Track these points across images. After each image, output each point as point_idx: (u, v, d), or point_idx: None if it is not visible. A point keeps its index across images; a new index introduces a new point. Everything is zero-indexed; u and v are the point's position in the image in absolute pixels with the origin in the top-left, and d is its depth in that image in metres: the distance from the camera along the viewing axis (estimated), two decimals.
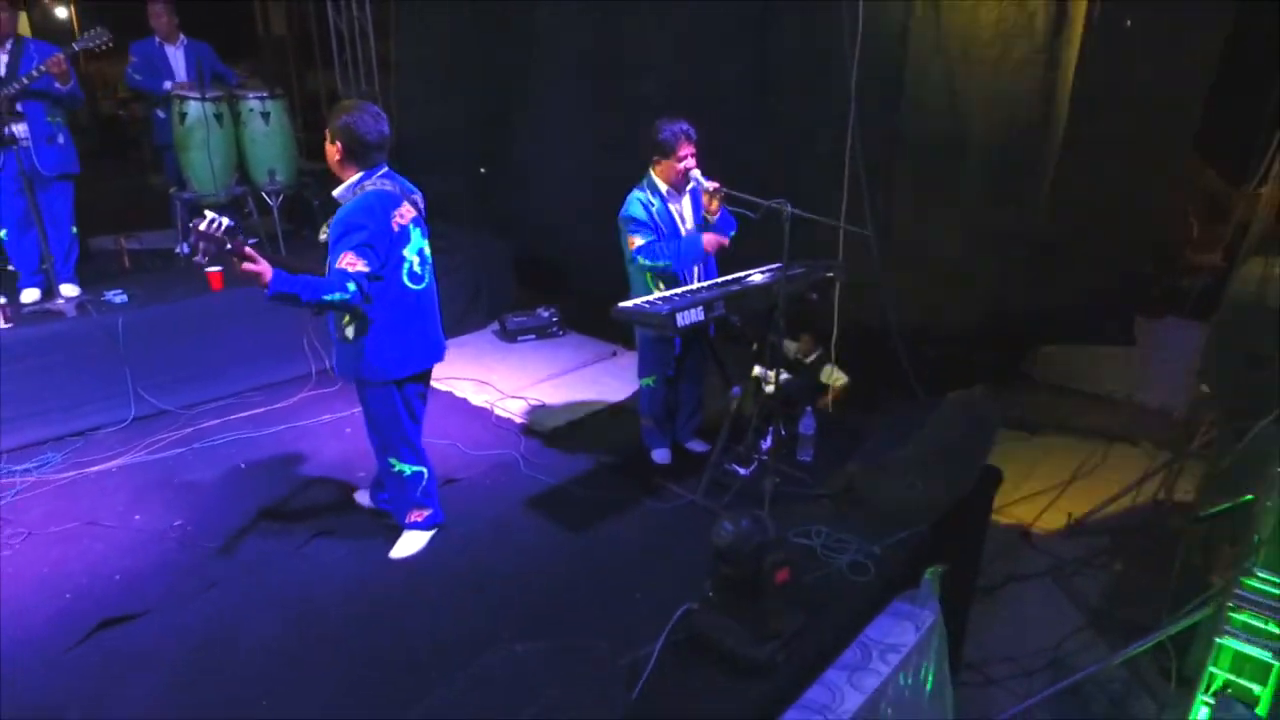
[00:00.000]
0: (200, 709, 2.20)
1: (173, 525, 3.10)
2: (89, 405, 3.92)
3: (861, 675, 2.51)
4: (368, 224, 2.60)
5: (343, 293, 2.51)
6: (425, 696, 2.03)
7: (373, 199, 2.65)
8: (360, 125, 2.64)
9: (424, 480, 2.98)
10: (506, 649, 2.16)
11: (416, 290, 2.81)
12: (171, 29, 5.10)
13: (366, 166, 2.71)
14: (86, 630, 2.48)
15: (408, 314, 2.78)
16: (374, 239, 2.60)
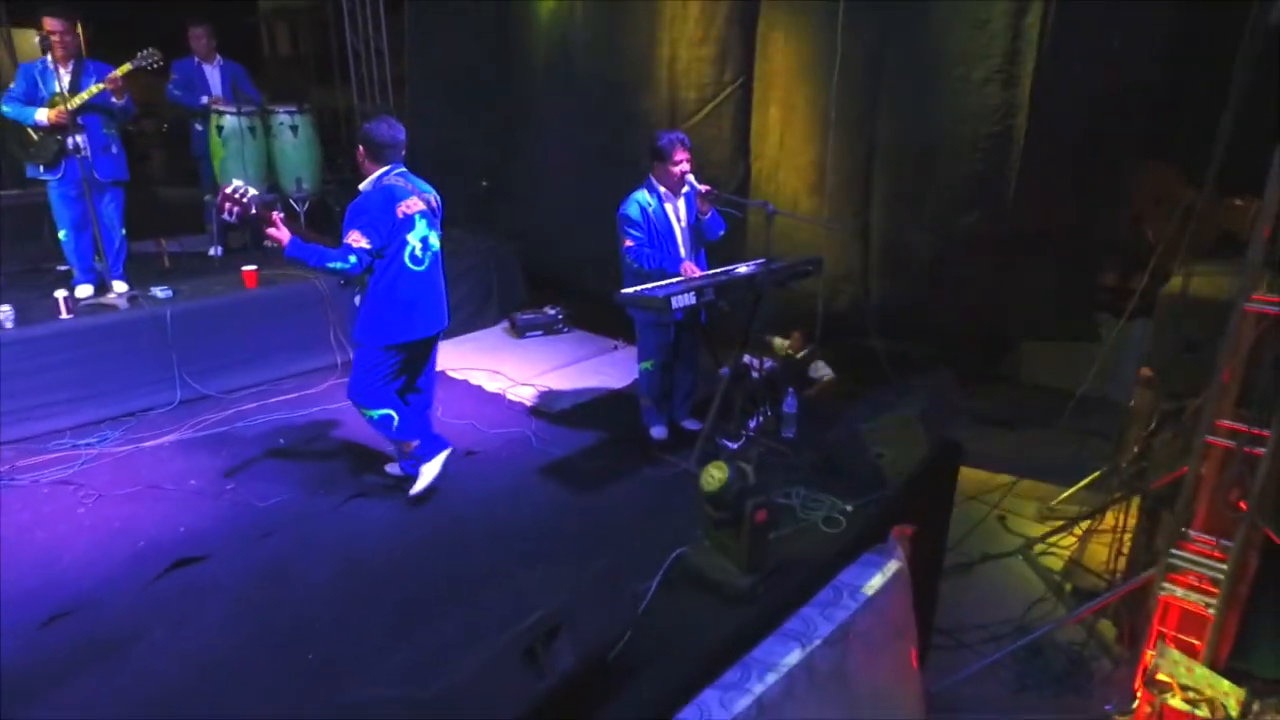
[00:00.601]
0: (267, 628, 2.57)
1: (225, 489, 3.48)
2: (140, 389, 4.30)
3: (833, 610, 2.88)
4: (372, 209, 3.14)
5: (343, 262, 3.05)
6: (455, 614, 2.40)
7: (382, 190, 3.19)
8: (374, 131, 3.21)
9: (394, 421, 3.33)
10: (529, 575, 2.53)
11: (416, 271, 3.29)
12: (209, 50, 5.52)
13: (382, 164, 3.23)
14: (163, 568, 2.86)
15: (407, 289, 3.26)
16: (376, 221, 3.12)
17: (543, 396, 4.57)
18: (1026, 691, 4.19)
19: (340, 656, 2.41)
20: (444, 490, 3.45)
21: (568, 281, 6.49)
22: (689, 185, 3.58)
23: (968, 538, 5.09)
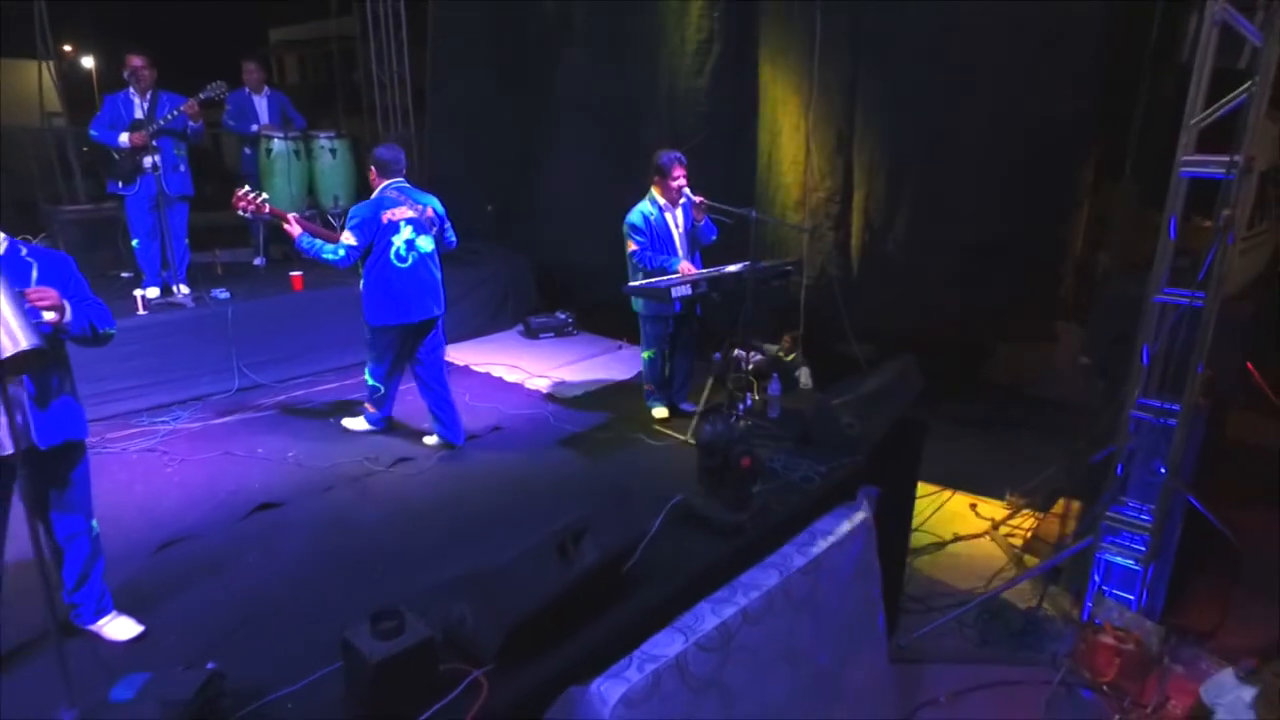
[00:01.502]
0: (339, 554, 3.09)
1: (288, 456, 4.02)
2: (204, 376, 4.86)
3: (807, 548, 3.42)
4: (362, 214, 3.91)
5: (334, 254, 3.84)
6: (493, 539, 2.93)
7: (374, 200, 3.97)
8: (379, 153, 4.06)
9: (379, 393, 4.24)
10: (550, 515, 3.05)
11: (400, 267, 3.99)
12: (259, 82, 6.15)
13: (386, 179, 4.02)
14: (246, 511, 3.39)
15: (391, 282, 3.98)
16: (364, 225, 3.89)
17: (556, 386, 5.13)
18: (988, 646, 4.74)
19: (402, 572, 2.94)
20: (475, 456, 4.01)
21: (576, 288, 7.07)
22: (685, 197, 4.17)
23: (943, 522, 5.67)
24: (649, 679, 2.60)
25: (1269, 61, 3.37)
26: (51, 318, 2.19)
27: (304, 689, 2.30)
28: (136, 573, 2.92)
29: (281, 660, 2.40)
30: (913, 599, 5.03)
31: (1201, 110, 3.64)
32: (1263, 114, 3.51)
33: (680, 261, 4.20)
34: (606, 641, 2.64)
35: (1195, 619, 4.71)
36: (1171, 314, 3.95)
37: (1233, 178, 3.51)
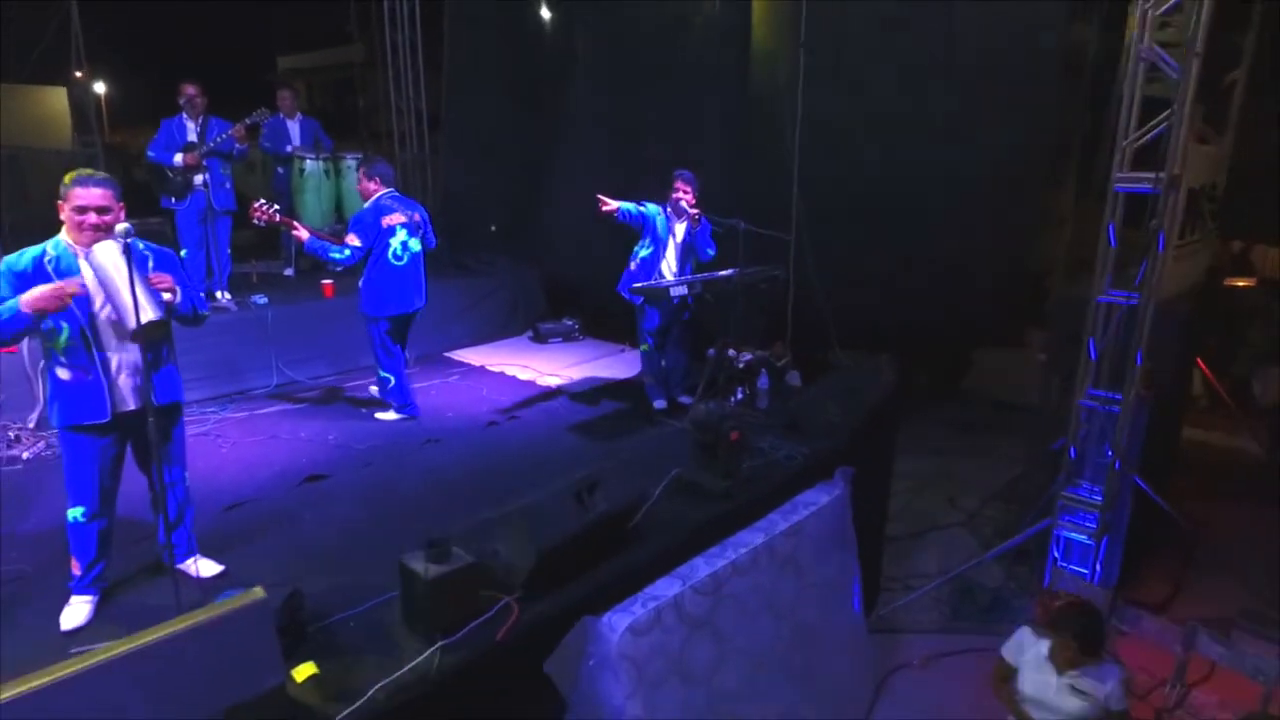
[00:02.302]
0: (382, 514, 3.51)
1: (329, 439, 4.47)
2: (247, 373, 5.31)
3: (790, 515, 3.86)
4: (365, 219, 4.55)
5: (340, 254, 4.44)
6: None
7: (375, 208, 4.60)
8: (380, 168, 4.74)
9: (390, 384, 4.79)
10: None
11: (397, 266, 4.63)
12: (291, 107, 6.68)
13: (380, 189, 4.65)
14: (298, 481, 3.84)
15: (389, 278, 4.62)
16: (366, 229, 4.53)
17: (565, 383, 5.59)
18: (959, 618, 5.17)
19: (438, 527, 3.37)
20: (496, 437, 4.47)
21: (581, 298, 7.55)
22: (688, 212, 4.68)
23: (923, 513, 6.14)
24: (651, 614, 3.04)
25: (1185, 92, 3.88)
26: (168, 297, 2.68)
27: (362, 613, 2.75)
28: (209, 528, 3.35)
29: (339, 594, 2.83)
30: (892, 579, 5.48)
31: (1133, 133, 4.15)
32: (1184, 137, 4.02)
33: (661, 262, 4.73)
34: (615, 583, 3.08)
35: (1149, 593, 5.16)
36: (1114, 313, 4.44)
37: (1159, 192, 4.01)
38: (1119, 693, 2.86)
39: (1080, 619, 2.90)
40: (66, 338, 2.62)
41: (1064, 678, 2.93)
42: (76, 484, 2.73)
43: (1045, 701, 2.95)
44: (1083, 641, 2.85)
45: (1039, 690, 2.98)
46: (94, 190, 2.62)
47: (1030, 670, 3.04)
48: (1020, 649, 3.14)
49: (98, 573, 2.80)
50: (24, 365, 4.37)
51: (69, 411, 2.67)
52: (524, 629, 2.75)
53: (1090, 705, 2.84)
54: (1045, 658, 3.00)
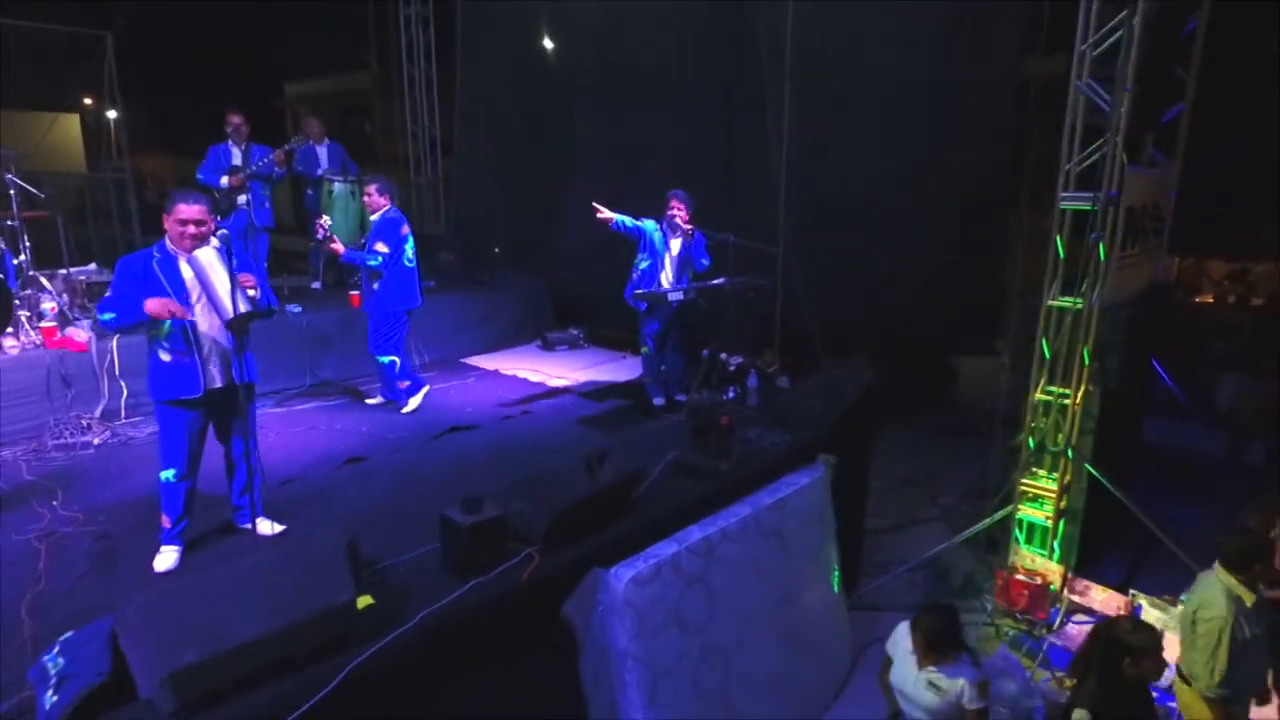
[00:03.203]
0: (414, 491, 3.96)
1: (361, 430, 4.95)
2: (282, 373, 5.79)
3: (775, 493, 4.33)
4: (390, 230, 5.22)
5: (375, 260, 5.13)
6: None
7: (394, 220, 5.27)
8: (388, 186, 5.37)
9: (397, 366, 5.26)
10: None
11: (409, 268, 5.31)
12: (320, 134, 7.23)
13: (386, 205, 5.31)
14: (339, 463, 4.32)
15: (404, 279, 5.28)
16: (391, 237, 5.19)
17: (572, 384, 6.08)
18: (933, 597, 5.61)
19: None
20: (512, 429, 4.95)
21: (586, 310, 8.06)
22: (686, 228, 5.20)
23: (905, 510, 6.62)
24: (652, 568, 3.52)
25: (1116, 123, 4.43)
26: (253, 294, 3.19)
27: (406, 561, 3.22)
28: (266, 499, 3.78)
29: (384, 549, 3.28)
30: (874, 565, 5.93)
31: (1075, 158, 4.69)
32: (1118, 161, 4.55)
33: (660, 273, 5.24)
34: (621, 543, 3.55)
35: (1107, 574, 5.60)
36: (1064, 317, 4.94)
37: (1096, 209, 4.54)
38: (972, 693, 2.90)
39: (929, 619, 2.98)
40: (169, 327, 3.13)
41: (923, 672, 2.99)
42: (169, 450, 3.22)
43: (907, 693, 3.04)
44: (929, 639, 2.93)
45: (902, 682, 3.07)
46: (194, 206, 3.14)
47: (899, 663, 3.11)
48: (896, 642, 3.19)
49: (183, 527, 3.29)
50: (92, 364, 4.86)
51: (168, 388, 3.17)
52: (544, 576, 3.22)
53: (943, 701, 2.91)
54: (910, 651, 3.06)
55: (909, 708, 3.05)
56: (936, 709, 2.93)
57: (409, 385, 5.38)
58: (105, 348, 4.92)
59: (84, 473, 4.21)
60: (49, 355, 4.76)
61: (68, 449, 4.48)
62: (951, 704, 2.92)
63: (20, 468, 4.24)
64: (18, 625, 2.77)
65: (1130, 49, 4.38)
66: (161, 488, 3.27)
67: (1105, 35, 4.48)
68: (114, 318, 3.05)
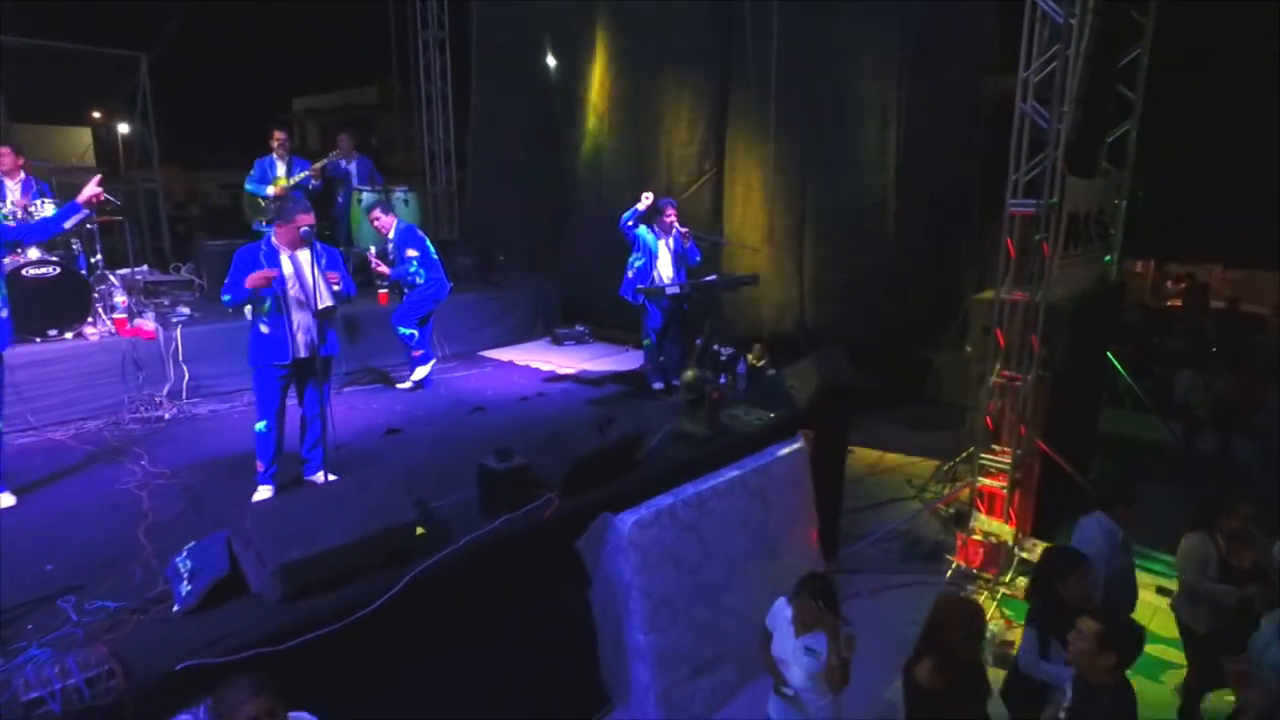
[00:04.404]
0: (449, 455, 4.58)
1: (395, 409, 5.58)
2: None
3: (760, 459, 4.96)
4: (416, 237, 5.91)
5: (414, 267, 5.88)
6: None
7: (409, 228, 5.89)
8: (384, 207, 5.86)
9: (415, 338, 5.91)
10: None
11: (435, 259, 5.96)
12: (349, 150, 7.89)
13: (395, 219, 5.93)
14: (378, 435, 4.95)
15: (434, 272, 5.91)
16: (418, 243, 5.92)
17: (580, 372, 6.72)
18: (905, 561, 6.23)
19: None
20: (527, 409, 5.58)
21: (591, 309, 8.69)
22: (674, 228, 5.85)
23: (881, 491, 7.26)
24: (652, 514, 4.15)
25: (1055, 139, 5.09)
26: (337, 288, 3.86)
27: (447, 505, 3.84)
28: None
29: (427, 496, 3.91)
30: (853, 537, 6.55)
31: (1023, 167, 5.35)
32: (1060, 170, 5.21)
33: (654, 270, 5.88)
34: (624, 496, 4.17)
35: (1057, 533, 6.20)
36: (1015, 308, 5.59)
37: (1040, 214, 5.20)
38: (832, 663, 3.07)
39: (813, 587, 3.14)
40: (268, 305, 3.81)
41: (800, 640, 3.17)
42: (263, 405, 3.89)
43: (787, 660, 3.21)
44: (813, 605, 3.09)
45: (783, 651, 3.24)
46: (309, 216, 3.89)
47: (780, 634, 3.28)
48: (775, 617, 3.34)
49: (274, 470, 3.99)
50: (160, 350, 5.49)
51: (265, 354, 3.86)
52: (562, 517, 3.84)
53: (818, 662, 3.10)
54: (790, 623, 3.23)
55: (791, 674, 3.19)
56: (814, 670, 3.11)
57: (421, 355, 6.03)
58: (170, 336, 5.55)
59: (160, 440, 4.83)
60: (123, 342, 5.39)
61: (143, 421, 5.10)
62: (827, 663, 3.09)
63: (106, 436, 4.86)
64: (139, 547, 3.39)
65: (1066, 76, 5.05)
66: (256, 437, 4.00)
67: (1045, 63, 5.15)
68: (231, 297, 3.79)
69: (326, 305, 3.83)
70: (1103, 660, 2.58)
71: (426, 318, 6.06)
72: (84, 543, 3.44)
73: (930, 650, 2.91)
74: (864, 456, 7.78)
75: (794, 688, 3.18)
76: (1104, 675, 2.61)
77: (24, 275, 5.03)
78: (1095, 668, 2.60)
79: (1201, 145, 7.72)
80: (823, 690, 3.13)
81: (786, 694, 3.22)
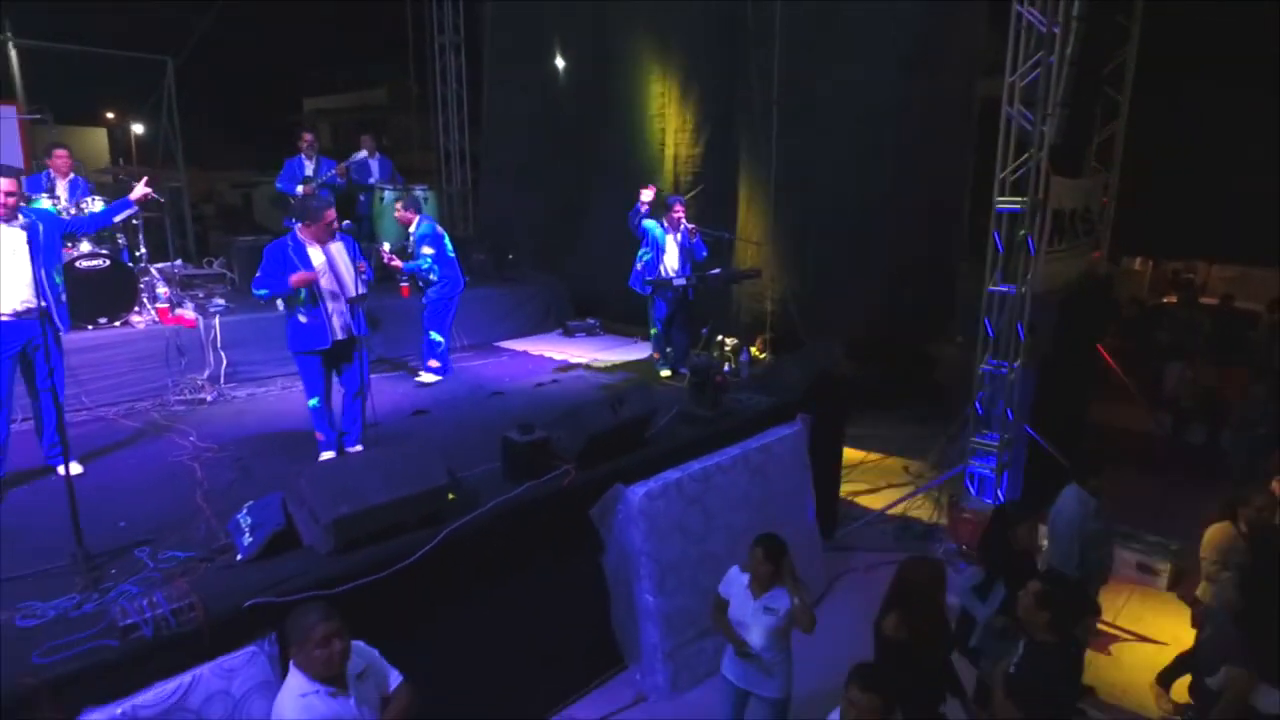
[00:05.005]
0: (475, 433, 4.93)
1: (419, 394, 5.94)
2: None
3: (761, 439, 5.29)
4: (433, 235, 6.09)
5: (425, 262, 6.01)
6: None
7: (432, 223, 6.10)
8: (416, 201, 6.04)
9: (440, 347, 6.15)
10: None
11: (451, 257, 6.14)
12: (372, 149, 8.27)
13: (415, 215, 6.12)
14: (408, 414, 5.31)
15: (449, 269, 6.14)
16: (436, 241, 6.16)
17: (592, 360, 7.07)
18: (899, 541, 6.55)
19: None
20: (542, 394, 5.93)
21: (601, 303, 9.04)
22: (682, 224, 6.20)
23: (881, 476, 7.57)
24: (661, 487, 4.49)
25: (1039, 141, 5.41)
26: (364, 277, 4.22)
27: (474, 475, 4.19)
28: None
29: (455, 467, 4.26)
30: (851, 518, 6.88)
31: (1009, 167, 5.67)
32: (1045, 171, 5.53)
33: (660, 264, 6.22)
34: (634, 470, 4.51)
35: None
36: (1004, 300, 5.91)
37: (1024, 211, 5.53)
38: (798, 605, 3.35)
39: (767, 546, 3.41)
40: (304, 296, 4.17)
41: (758, 600, 3.40)
42: (310, 385, 4.29)
43: (747, 622, 3.41)
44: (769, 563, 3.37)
45: (741, 614, 3.44)
46: (332, 211, 4.25)
47: (737, 599, 3.49)
48: (730, 584, 3.57)
49: (333, 436, 4.43)
50: (200, 338, 5.87)
51: (304, 341, 4.22)
52: (578, 486, 4.19)
53: (777, 619, 3.35)
54: (746, 587, 3.47)
55: (751, 635, 3.39)
56: (772, 627, 3.36)
57: (439, 366, 6.29)
58: (210, 325, 5.92)
59: (205, 419, 5.21)
60: (167, 330, 5.77)
61: (187, 403, 5.48)
62: (784, 619, 3.36)
63: (154, 415, 5.24)
64: (198, 509, 3.76)
65: (1049, 81, 5.37)
66: (311, 412, 4.45)
67: (1029, 69, 5.47)
68: (267, 291, 4.12)
69: (360, 294, 4.19)
70: (1039, 616, 2.93)
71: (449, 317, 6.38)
72: (149, 505, 3.81)
73: (895, 605, 3.23)
74: (864, 445, 8.09)
75: (754, 647, 3.36)
76: (1044, 631, 2.94)
77: (77, 267, 5.40)
78: (1035, 623, 2.95)
79: (1198, 143, 7.98)
80: (780, 646, 3.39)
81: (749, 655, 3.37)
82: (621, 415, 4.38)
